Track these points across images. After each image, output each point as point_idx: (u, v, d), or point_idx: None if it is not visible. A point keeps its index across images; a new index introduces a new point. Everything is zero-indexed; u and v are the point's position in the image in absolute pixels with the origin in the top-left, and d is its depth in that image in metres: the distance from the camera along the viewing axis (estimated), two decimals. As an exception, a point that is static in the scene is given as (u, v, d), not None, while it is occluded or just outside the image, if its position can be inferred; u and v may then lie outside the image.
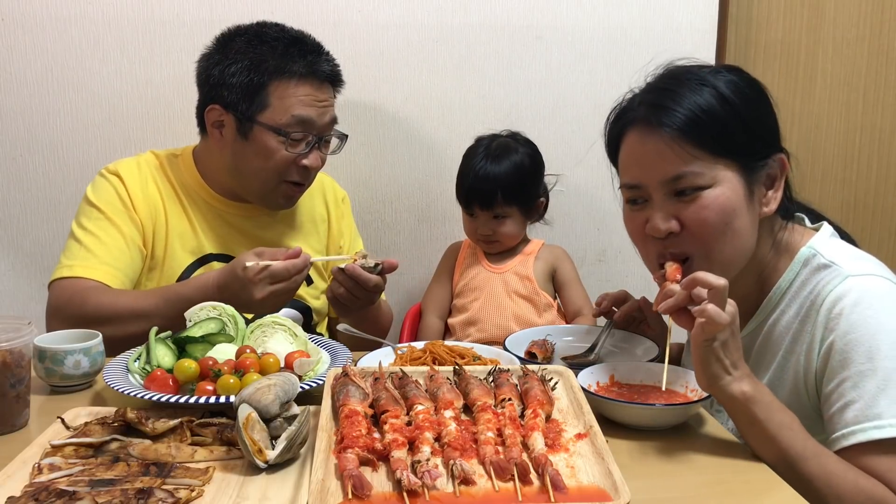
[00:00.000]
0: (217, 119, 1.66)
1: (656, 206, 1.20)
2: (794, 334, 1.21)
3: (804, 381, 1.19)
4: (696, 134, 1.16)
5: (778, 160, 1.22)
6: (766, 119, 1.22)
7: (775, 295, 1.25)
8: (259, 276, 1.45)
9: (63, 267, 1.61)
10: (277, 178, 1.68)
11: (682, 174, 1.17)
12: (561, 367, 1.28)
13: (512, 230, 1.94)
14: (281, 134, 1.63)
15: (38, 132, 2.05)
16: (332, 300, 1.64)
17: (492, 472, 0.96)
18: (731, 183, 1.17)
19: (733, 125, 1.17)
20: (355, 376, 1.14)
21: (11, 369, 1.17)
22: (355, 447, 0.98)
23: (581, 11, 2.18)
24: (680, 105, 1.17)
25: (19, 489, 0.94)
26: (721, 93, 1.17)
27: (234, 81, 1.62)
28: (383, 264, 1.58)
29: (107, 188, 1.69)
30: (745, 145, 1.18)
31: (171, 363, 1.29)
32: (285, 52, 1.63)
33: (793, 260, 1.24)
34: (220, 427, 1.10)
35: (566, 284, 1.99)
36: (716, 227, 1.17)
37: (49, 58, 2.02)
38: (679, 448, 1.13)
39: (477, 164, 1.90)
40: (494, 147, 1.92)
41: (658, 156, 1.18)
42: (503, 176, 1.88)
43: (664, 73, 1.26)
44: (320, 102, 1.66)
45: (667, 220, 1.19)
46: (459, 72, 2.17)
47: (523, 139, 1.96)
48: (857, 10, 2.41)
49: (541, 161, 1.97)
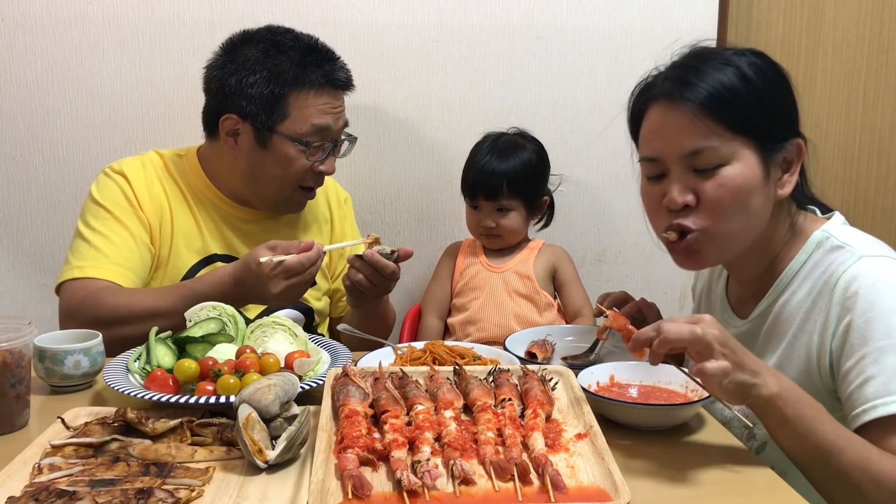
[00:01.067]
0: (233, 128, 1.65)
1: (674, 179, 1.21)
2: (806, 313, 1.22)
3: (817, 360, 1.20)
4: (717, 110, 1.17)
5: (795, 144, 1.23)
6: (785, 103, 1.23)
7: (787, 276, 1.26)
8: (274, 272, 1.45)
9: (73, 268, 1.61)
10: (293, 185, 1.69)
11: (701, 148, 1.18)
12: (561, 367, 1.28)
13: (514, 224, 1.94)
14: (301, 143, 1.63)
15: (38, 132, 2.05)
16: (350, 288, 1.64)
17: (492, 472, 0.96)
18: (749, 161, 1.19)
19: (754, 105, 1.19)
20: (355, 376, 1.14)
21: (11, 369, 1.17)
22: (355, 447, 0.98)
23: (581, 11, 2.18)
24: (703, 81, 1.19)
25: (19, 489, 0.94)
26: (744, 73, 1.19)
27: (253, 92, 1.61)
28: (399, 251, 1.59)
29: (112, 187, 1.69)
30: (764, 126, 1.20)
31: (171, 363, 1.29)
32: (302, 61, 1.63)
33: (806, 242, 1.25)
34: (220, 427, 1.10)
35: (566, 284, 1.99)
36: (731, 204, 1.18)
37: (49, 58, 2.02)
38: (679, 448, 1.13)
39: (484, 156, 1.93)
40: (502, 142, 1.95)
41: (679, 129, 1.19)
42: (510, 168, 1.91)
43: (689, 51, 1.28)
44: (336, 109, 1.68)
45: (684, 193, 1.20)
46: (459, 72, 2.17)
47: (531, 137, 1.99)
48: (857, 10, 2.41)
49: (547, 160, 1.99)
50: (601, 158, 2.26)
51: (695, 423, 1.20)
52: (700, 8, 2.21)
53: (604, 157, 2.17)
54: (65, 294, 1.59)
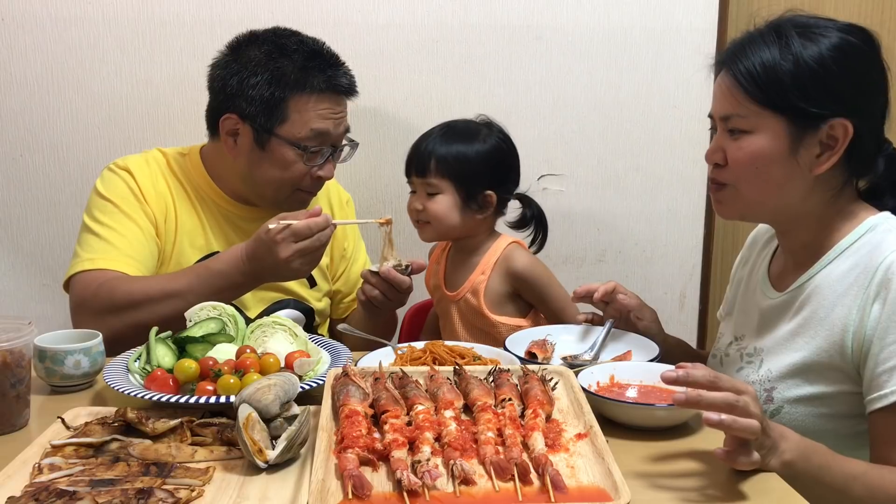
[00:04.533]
0: (232, 128, 1.66)
1: (716, 137, 1.33)
2: (846, 288, 1.24)
3: (853, 336, 1.21)
4: (748, 84, 1.24)
5: (840, 125, 1.22)
6: (836, 83, 1.22)
7: (834, 252, 1.28)
8: (281, 234, 1.45)
9: (84, 260, 1.60)
10: (291, 188, 1.69)
11: (730, 115, 1.27)
12: (561, 367, 1.28)
13: (442, 210, 1.71)
14: (300, 148, 1.63)
15: (38, 132, 2.05)
16: (365, 303, 1.65)
17: (492, 472, 0.96)
18: (772, 134, 1.24)
19: (788, 84, 1.22)
20: (355, 376, 1.14)
21: (12, 369, 1.17)
22: (355, 447, 0.98)
23: (581, 11, 2.18)
24: (747, 56, 1.25)
25: (19, 489, 0.95)
26: (793, 51, 1.22)
27: (254, 94, 1.62)
28: (412, 265, 1.61)
29: (118, 182, 1.69)
30: (795, 105, 1.22)
31: (171, 363, 1.29)
32: (305, 65, 1.63)
33: (860, 224, 1.28)
34: (221, 427, 1.10)
35: (539, 303, 1.77)
36: (745, 168, 1.27)
37: (49, 58, 2.02)
38: (679, 448, 1.13)
39: (427, 132, 1.77)
40: (456, 125, 1.78)
41: (721, 94, 1.29)
42: (446, 148, 1.71)
43: (770, 20, 1.31)
44: (336, 115, 1.68)
45: (715, 151, 1.31)
46: (459, 72, 2.17)
47: (498, 128, 1.78)
48: (857, 10, 2.40)
49: (506, 154, 1.76)
50: (601, 158, 2.26)
51: (695, 423, 1.20)
52: (700, 8, 2.21)
53: (604, 157, 2.17)
54: (76, 286, 1.59)
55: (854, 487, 1.09)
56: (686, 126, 2.25)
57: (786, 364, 1.28)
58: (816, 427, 1.23)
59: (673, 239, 2.34)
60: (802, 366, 1.26)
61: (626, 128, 2.27)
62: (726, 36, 2.30)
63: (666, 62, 2.22)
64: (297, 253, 1.47)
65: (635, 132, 2.27)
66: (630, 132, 2.27)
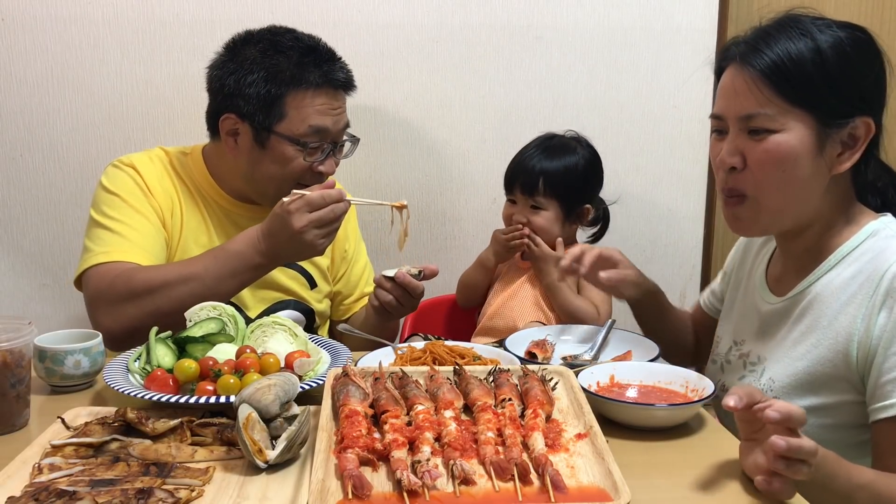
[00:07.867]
0: (232, 128, 1.66)
1: (730, 139, 1.25)
2: (850, 296, 1.21)
3: (858, 345, 1.19)
4: (776, 79, 1.19)
5: (863, 122, 1.21)
6: (859, 80, 1.21)
7: (835, 257, 1.26)
8: (295, 204, 1.45)
9: (97, 254, 1.59)
10: (292, 185, 1.69)
11: (755, 114, 1.21)
12: (561, 367, 1.28)
13: (545, 224, 1.88)
14: (299, 144, 1.63)
15: (38, 132, 2.05)
16: (378, 308, 1.65)
17: (492, 472, 0.96)
18: (801, 133, 1.19)
19: (817, 79, 1.19)
20: (355, 376, 1.14)
21: (12, 369, 1.17)
22: (355, 447, 0.98)
23: (581, 11, 2.18)
24: (771, 49, 1.20)
25: (19, 489, 0.95)
26: (817, 45, 1.19)
27: (251, 92, 1.62)
28: (424, 271, 1.61)
29: (124, 178, 1.69)
30: (826, 101, 1.19)
31: (171, 363, 1.29)
32: (300, 61, 1.63)
33: (861, 229, 1.26)
34: (220, 427, 1.10)
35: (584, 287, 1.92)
36: (773, 171, 1.21)
37: (49, 58, 2.02)
38: (679, 448, 1.13)
39: (529, 150, 1.91)
40: (554, 141, 1.92)
41: (739, 92, 1.22)
42: (551, 167, 1.87)
43: (776, 17, 1.27)
44: (335, 110, 1.67)
45: (733, 154, 1.24)
46: (459, 72, 2.17)
47: (586, 143, 1.94)
48: (857, 10, 2.41)
49: (598, 169, 1.94)
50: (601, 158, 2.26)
51: (695, 423, 1.20)
52: (700, 8, 2.21)
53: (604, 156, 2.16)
54: (91, 280, 1.58)
55: (860, 496, 1.07)
56: (686, 126, 2.25)
57: (789, 374, 1.26)
58: (820, 437, 1.20)
59: (673, 239, 2.34)
60: (806, 375, 1.24)
61: (625, 128, 2.27)
62: (726, 36, 2.30)
63: (666, 62, 2.23)
64: (312, 223, 1.46)
65: (635, 132, 2.27)
66: (630, 132, 2.27)
